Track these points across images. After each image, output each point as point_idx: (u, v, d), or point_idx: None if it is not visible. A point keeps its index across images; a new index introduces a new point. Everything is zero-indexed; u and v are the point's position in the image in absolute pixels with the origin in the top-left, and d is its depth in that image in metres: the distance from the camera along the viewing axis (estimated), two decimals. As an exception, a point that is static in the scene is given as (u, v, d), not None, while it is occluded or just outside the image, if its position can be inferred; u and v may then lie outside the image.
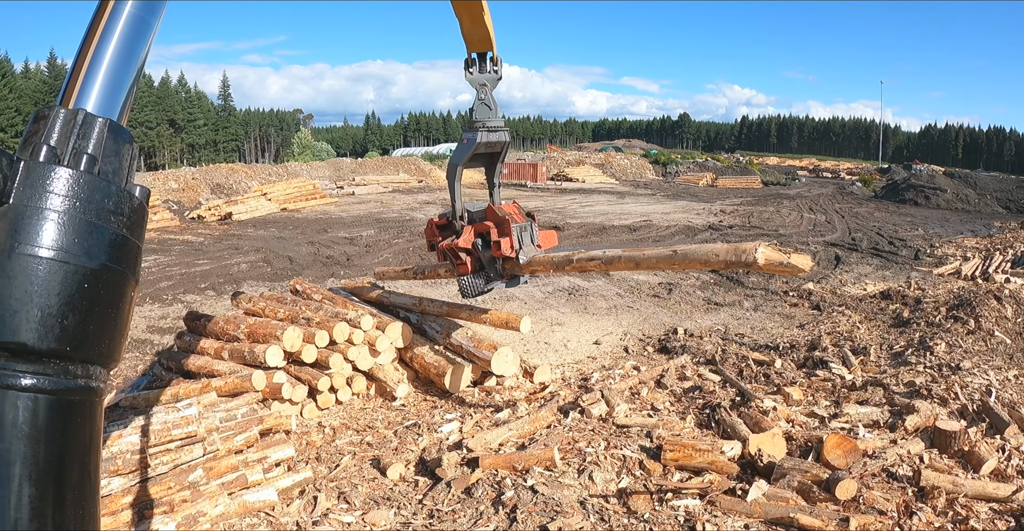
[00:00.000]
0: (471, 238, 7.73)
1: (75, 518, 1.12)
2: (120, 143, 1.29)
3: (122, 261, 1.22)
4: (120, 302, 1.22)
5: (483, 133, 7.59)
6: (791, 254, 5.02)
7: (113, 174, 1.26)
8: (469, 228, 7.80)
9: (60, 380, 1.11)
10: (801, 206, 36.26)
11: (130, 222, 1.25)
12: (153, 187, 34.27)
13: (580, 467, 5.90)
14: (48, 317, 1.09)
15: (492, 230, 7.52)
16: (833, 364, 8.80)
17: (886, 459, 5.69)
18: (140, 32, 1.44)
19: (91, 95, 1.33)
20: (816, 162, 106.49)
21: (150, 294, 15.70)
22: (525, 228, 7.59)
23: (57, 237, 1.12)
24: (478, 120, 7.67)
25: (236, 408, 6.69)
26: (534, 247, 7.64)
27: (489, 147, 7.76)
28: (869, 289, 14.47)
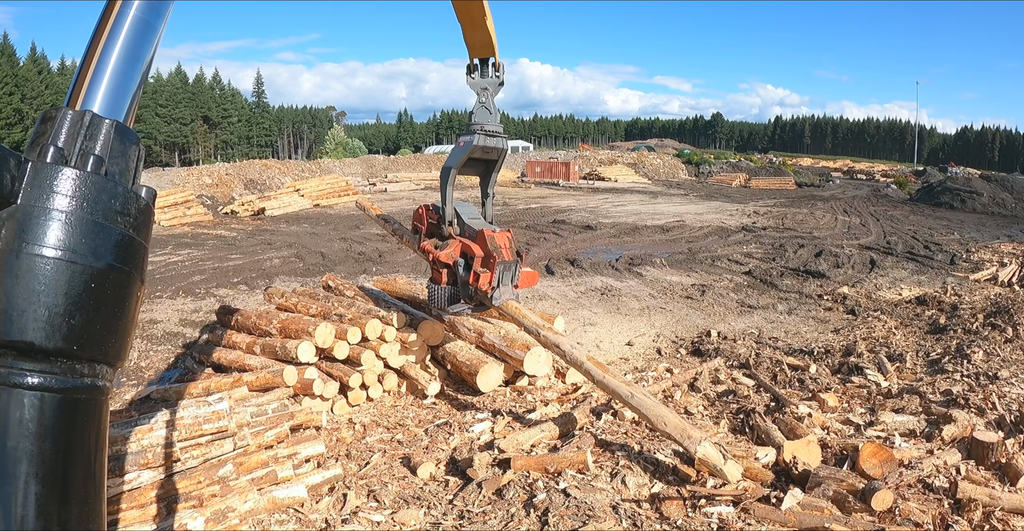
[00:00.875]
0: (455, 255, 7.55)
1: (80, 515, 1.12)
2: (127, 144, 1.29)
3: (128, 261, 1.22)
4: (126, 302, 1.22)
5: (480, 136, 7.41)
6: (727, 461, 5.38)
7: (120, 175, 1.26)
8: (456, 243, 7.60)
9: (66, 379, 1.11)
10: (835, 208, 35.83)
11: (136, 223, 1.24)
12: (187, 182, 34.62)
13: (613, 471, 5.81)
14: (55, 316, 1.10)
15: (476, 259, 7.32)
16: (869, 370, 8.64)
17: (922, 470, 5.55)
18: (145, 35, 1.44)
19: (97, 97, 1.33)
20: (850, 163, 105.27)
21: (183, 288, 15.81)
22: (509, 266, 7.44)
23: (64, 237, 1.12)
24: (476, 123, 7.53)
25: (267, 403, 6.67)
26: (511, 289, 7.53)
27: (485, 152, 7.60)
28: (904, 294, 14.23)
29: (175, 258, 20.33)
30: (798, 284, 15.40)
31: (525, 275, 7.78)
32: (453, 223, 7.70)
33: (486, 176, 8.01)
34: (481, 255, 7.28)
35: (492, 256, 7.20)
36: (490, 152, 7.62)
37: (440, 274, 7.61)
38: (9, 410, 1.05)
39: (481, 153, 7.55)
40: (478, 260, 7.27)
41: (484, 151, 7.54)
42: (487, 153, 7.61)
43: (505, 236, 7.51)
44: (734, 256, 19.21)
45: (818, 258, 18.82)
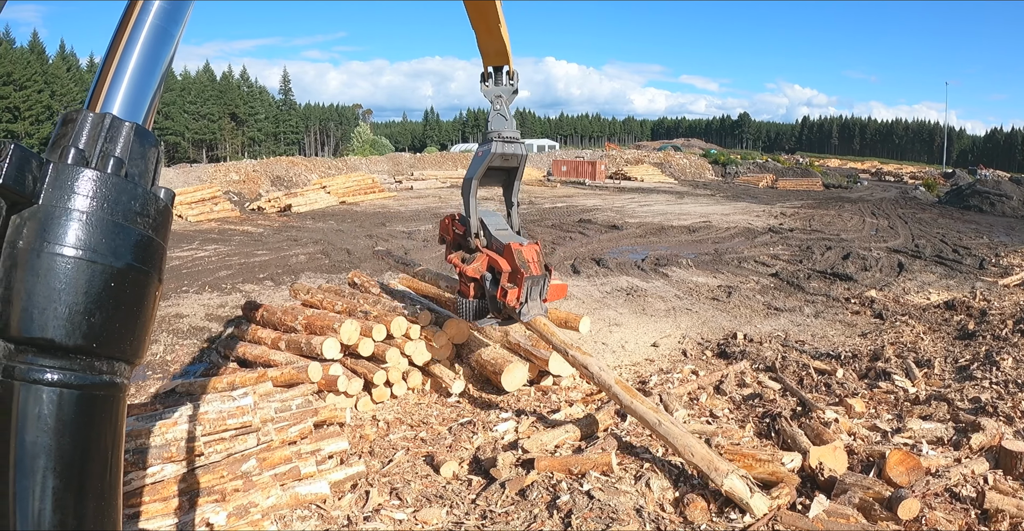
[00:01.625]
0: (482, 269, 7.42)
1: (96, 510, 1.14)
2: (146, 146, 1.31)
3: (147, 261, 1.23)
4: (145, 301, 1.23)
5: (498, 144, 7.31)
6: (754, 494, 5.19)
7: (139, 176, 1.28)
8: (483, 257, 7.44)
9: (85, 376, 1.13)
10: (863, 210, 35.46)
11: (155, 223, 1.26)
12: (214, 179, 34.84)
13: (637, 473, 5.75)
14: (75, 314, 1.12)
15: (504, 274, 7.19)
16: (896, 376, 8.51)
17: (949, 478, 5.45)
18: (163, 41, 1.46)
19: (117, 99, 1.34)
20: (878, 165, 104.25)
21: (209, 283, 15.90)
22: (537, 281, 7.27)
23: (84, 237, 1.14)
24: (493, 131, 7.42)
25: (291, 399, 6.68)
26: (540, 304, 7.38)
27: (505, 160, 7.49)
28: (933, 298, 14.04)
29: (202, 253, 20.46)
30: (825, 287, 15.23)
31: (554, 288, 7.68)
32: (479, 235, 7.59)
33: (508, 185, 7.91)
34: (508, 271, 7.17)
35: (520, 272, 7.07)
36: (509, 159, 7.53)
37: (468, 287, 7.51)
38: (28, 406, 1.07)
39: (501, 161, 7.45)
40: (505, 275, 7.17)
41: (504, 159, 7.45)
42: (507, 160, 7.52)
43: (533, 249, 7.35)
44: (761, 257, 19.05)
45: (846, 261, 18.62)
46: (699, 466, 5.59)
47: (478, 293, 7.48)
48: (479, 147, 7.47)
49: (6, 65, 76.80)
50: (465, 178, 7.50)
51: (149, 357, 10.73)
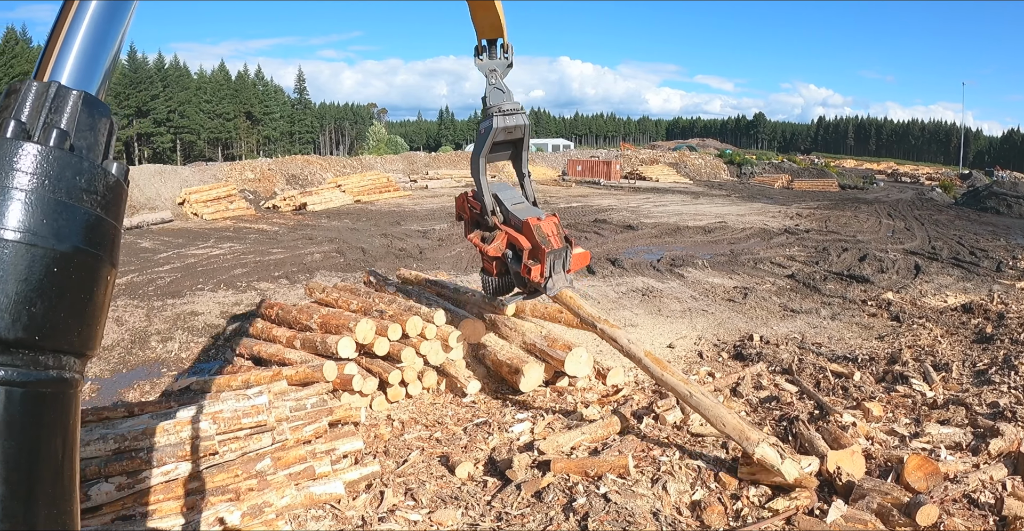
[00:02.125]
0: (502, 247, 7.35)
1: (48, 517, 1.06)
2: (96, 117, 1.22)
3: (96, 243, 1.14)
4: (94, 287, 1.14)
5: (499, 118, 7.13)
6: (785, 460, 5.42)
7: (88, 150, 1.19)
8: (503, 235, 7.37)
9: (30, 372, 1.04)
10: (879, 211, 35.21)
11: (105, 201, 1.16)
12: (230, 177, 34.92)
13: (654, 476, 5.71)
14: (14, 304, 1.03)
15: (525, 251, 7.12)
16: (914, 380, 8.43)
17: (967, 484, 5.37)
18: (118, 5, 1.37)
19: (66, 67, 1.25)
20: (894, 166, 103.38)
21: (224, 280, 15.95)
22: (559, 254, 7.17)
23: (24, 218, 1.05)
24: (492, 105, 7.24)
25: (306, 398, 6.66)
26: (564, 276, 7.29)
27: (508, 133, 7.30)
28: (950, 301, 13.90)
29: (217, 251, 20.52)
30: (842, 288, 15.13)
31: (576, 257, 7.52)
32: (496, 212, 7.49)
33: (516, 157, 7.75)
34: (529, 247, 7.11)
35: (541, 248, 7.00)
36: (513, 131, 7.35)
37: (491, 265, 7.47)
38: None
39: (505, 134, 7.29)
40: (526, 253, 7.10)
41: (507, 132, 7.29)
42: (510, 133, 7.34)
43: (552, 222, 7.27)
44: (777, 259, 18.95)
45: (862, 262, 18.49)
46: (731, 435, 5.74)
47: (502, 270, 7.46)
48: (481, 124, 7.36)
49: (24, 64, 77.52)
50: (472, 157, 7.42)
51: (164, 354, 10.77)
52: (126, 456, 5.19)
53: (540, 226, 7.12)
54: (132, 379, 9.85)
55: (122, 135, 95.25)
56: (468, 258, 18.85)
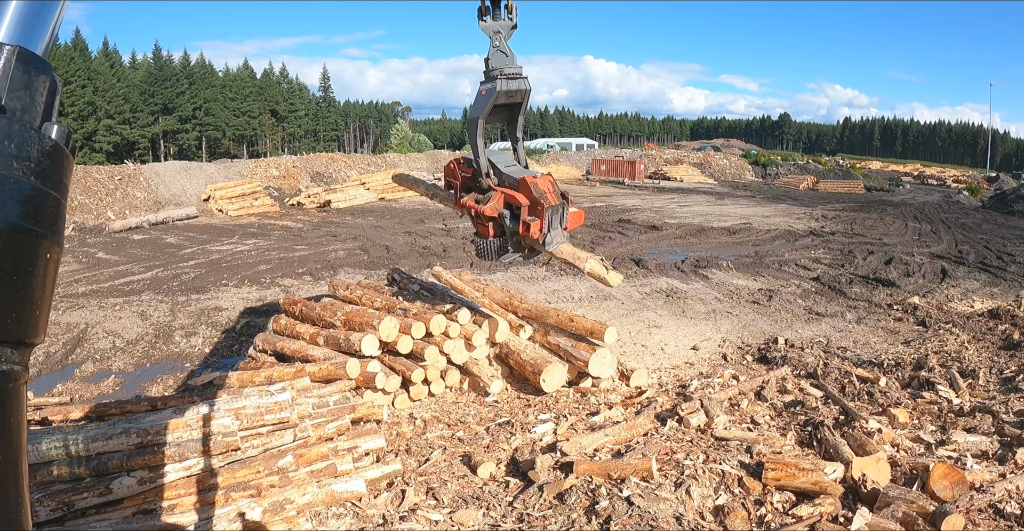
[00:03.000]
0: (499, 207, 7.31)
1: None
2: (33, 75, 1.12)
3: (31, 217, 1.01)
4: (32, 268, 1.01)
5: (502, 81, 7.12)
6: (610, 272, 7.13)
7: (22, 111, 1.07)
8: (499, 195, 7.34)
9: None
10: (906, 214, 34.79)
11: (41, 169, 1.04)
12: (255, 174, 35.10)
13: (677, 480, 5.65)
14: None
15: (523, 208, 7.09)
16: (940, 386, 8.30)
17: (994, 494, 5.28)
18: None
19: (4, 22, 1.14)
20: (921, 168, 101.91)
21: (248, 276, 16.01)
22: (557, 210, 7.16)
23: None
24: (495, 68, 7.20)
25: (329, 395, 6.66)
26: (563, 232, 7.28)
27: (510, 96, 7.29)
28: (977, 306, 13.70)
29: (242, 247, 20.62)
30: (867, 292, 14.96)
31: (572, 215, 7.53)
32: (490, 174, 7.48)
33: (512, 121, 7.75)
34: (527, 203, 7.09)
35: (539, 203, 7.00)
36: (514, 95, 7.34)
37: (486, 228, 7.44)
38: None
39: (506, 98, 7.28)
40: (525, 209, 7.08)
41: (508, 95, 7.27)
42: (511, 97, 7.33)
43: (547, 180, 7.30)
44: (802, 261, 18.78)
45: (888, 266, 18.28)
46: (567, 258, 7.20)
47: (497, 232, 7.44)
48: (482, 85, 7.32)
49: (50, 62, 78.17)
50: (470, 118, 7.41)
51: (187, 349, 10.82)
52: (148, 450, 5.20)
53: (537, 183, 7.13)
54: (155, 373, 9.90)
55: (148, 131, 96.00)
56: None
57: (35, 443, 5.03)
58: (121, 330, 11.83)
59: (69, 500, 4.86)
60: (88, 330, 11.83)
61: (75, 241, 22.19)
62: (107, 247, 21.08)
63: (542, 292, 14.09)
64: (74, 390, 9.39)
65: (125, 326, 12.08)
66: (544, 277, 15.89)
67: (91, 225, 24.79)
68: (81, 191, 27.00)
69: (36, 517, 4.76)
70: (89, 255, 19.71)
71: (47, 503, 4.80)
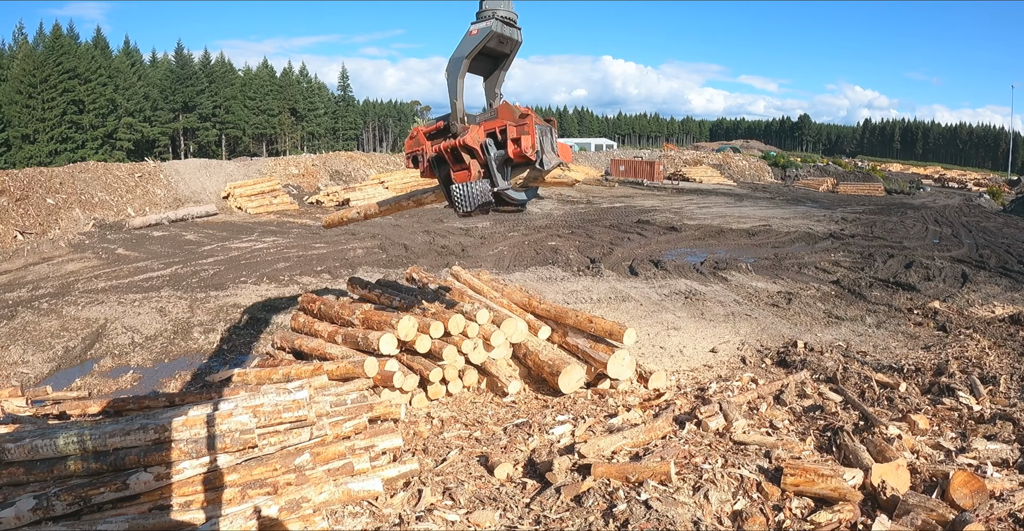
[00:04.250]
0: (480, 137, 6.51)
1: None
2: None
3: None
4: None
5: (496, 23, 6.42)
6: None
7: None
8: (477, 127, 6.55)
9: None
10: (926, 217, 34.51)
11: None
12: (274, 172, 35.30)
13: (696, 484, 5.60)
14: None
15: (510, 127, 6.39)
16: (961, 392, 8.20)
17: (1014, 503, 5.20)
18: None
19: None
20: (941, 170, 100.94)
21: (267, 274, 16.06)
22: (546, 132, 6.53)
23: None
24: (488, 8, 6.52)
25: (346, 393, 6.65)
26: (555, 155, 6.58)
27: (500, 43, 6.62)
28: (998, 312, 13.53)
29: (260, 245, 20.70)
30: (887, 296, 14.82)
31: (561, 147, 6.87)
32: (463, 120, 6.72)
33: (492, 74, 7.08)
34: (513, 121, 6.42)
35: (527, 115, 6.38)
36: (504, 43, 6.71)
37: (468, 170, 6.60)
38: None
39: (496, 42, 6.61)
40: (512, 128, 6.40)
41: (499, 41, 6.61)
42: (502, 44, 6.68)
43: (527, 110, 6.56)
44: (821, 264, 18.66)
45: (908, 269, 18.14)
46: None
47: (481, 171, 6.61)
48: (472, 25, 6.58)
49: (72, 60, 78.38)
50: (452, 58, 6.60)
51: (206, 345, 10.86)
52: (166, 446, 5.21)
53: (517, 106, 6.54)
54: (173, 369, 9.94)
55: (168, 129, 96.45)
56: (511, 256, 18.82)
57: (52, 438, 5.05)
58: (140, 326, 11.89)
59: (86, 495, 4.87)
60: (107, 325, 11.89)
61: (95, 237, 22.35)
62: (127, 243, 21.21)
63: (560, 293, 14.06)
64: (92, 385, 9.44)
65: (144, 322, 12.13)
66: (563, 278, 15.86)
67: (111, 222, 24.94)
68: (101, 188, 27.17)
69: (52, 511, 4.77)
70: (109, 251, 19.84)
71: (64, 497, 4.81)
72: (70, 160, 57.72)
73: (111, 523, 4.69)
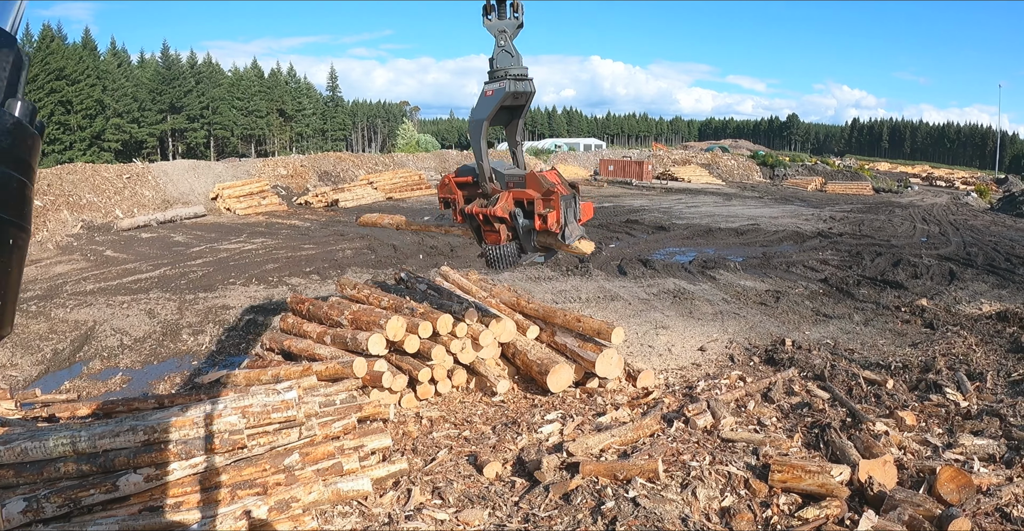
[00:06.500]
0: (509, 206, 6.97)
1: None
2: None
3: None
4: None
5: (510, 82, 6.86)
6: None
7: None
8: (507, 194, 7.02)
9: None
10: (914, 216, 34.65)
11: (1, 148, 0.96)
12: (263, 173, 35.18)
13: (684, 481, 5.64)
14: None
15: (537, 201, 6.80)
16: (948, 389, 8.27)
17: (1000, 497, 5.26)
18: None
19: None
20: (929, 169, 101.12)
21: (256, 275, 16.04)
22: (569, 201, 6.90)
23: None
24: (501, 68, 6.96)
25: (335, 394, 6.66)
26: (578, 225, 7.00)
27: (515, 98, 7.04)
28: (985, 309, 13.62)
29: (249, 246, 20.67)
30: (875, 294, 14.88)
31: (584, 207, 7.28)
32: (492, 179, 7.19)
33: (513, 124, 7.53)
34: (540, 195, 6.82)
35: (552, 191, 6.75)
36: (519, 97, 7.11)
37: (497, 234, 7.11)
38: None
39: (512, 100, 7.04)
40: (539, 202, 6.81)
41: (514, 97, 7.03)
42: (516, 99, 7.09)
43: (554, 173, 7.08)
44: (809, 262, 18.72)
45: (896, 267, 18.21)
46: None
47: (510, 234, 7.13)
48: (487, 85, 7.06)
49: (59, 61, 77.99)
50: (473, 120, 7.10)
51: (195, 347, 10.85)
52: (155, 448, 5.21)
53: (545, 176, 6.92)
54: (162, 371, 9.93)
55: (156, 130, 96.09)
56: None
57: (42, 440, 5.05)
58: (129, 328, 11.87)
59: (76, 496, 4.87)
60: (96, 327, 11.86)
61: (83, 239, 22.27)
62: (115, 245, 21.15)
63: (549, 292, 14.08)
64: (81, 387, 9.42)
65: (133, 324, 12.11)
66: (551, 277, 15.88)
67: (99, 223, 24.85)
68: (90, 189, 27.07)
69: (43, 513, 4.77)
70: (97, 253, 19.78)
71: (54, 499, 4.81)
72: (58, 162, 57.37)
73: (101, 524, 4.69)
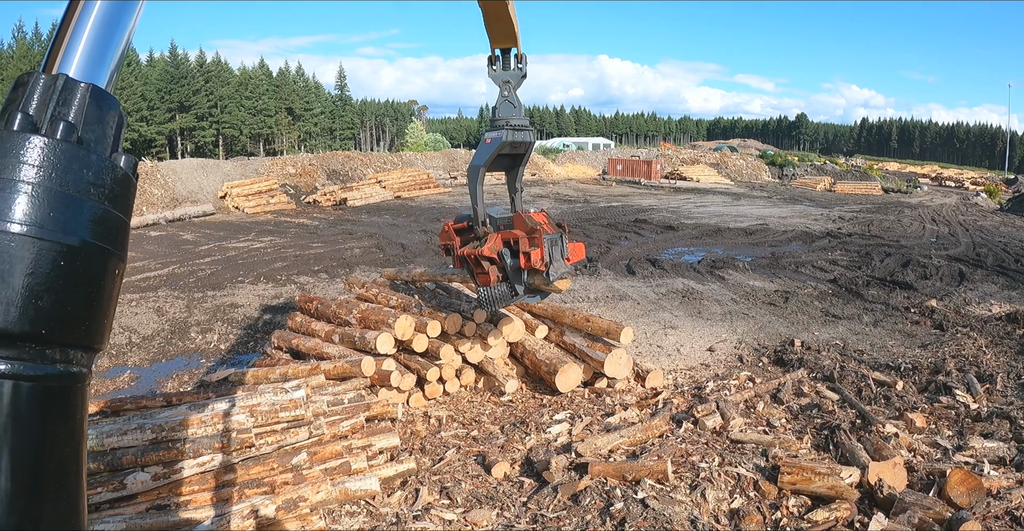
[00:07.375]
0: (497, 246, 7.18)
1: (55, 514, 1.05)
2: (104, 110, 1.20)
3: (104, 236, 1.12)
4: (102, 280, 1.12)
5: (508, 132, 7.07)
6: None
7: (96, 143, 1.17)
8: (495, 235, 7.24)
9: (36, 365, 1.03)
10: (923, 216, 34.52)
11: (112, 194, 1.15)
12: (271, 172, 35.25)
13: (693, 482, 5.61)
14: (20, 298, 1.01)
15: (522, 239, 7.00)
16: (957, 391, 8.22)
17: (1011, 501, 5.22)
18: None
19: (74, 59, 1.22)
20: (938, 169, 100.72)
21: (264, 274, 16.05)
22: (555, 241, 7.10)
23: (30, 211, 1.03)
24: (501, 118, 7.20)
25: (343, 393, 6.66)
26: (564, 263, 7.20)
27: (513, 147, 7.28)
28: (994, 310, 13.54)
29: (258, 245, 20.69)
30: (884, 295, 14.81)
31: (573, 247, 7.45)
32: (486, 223, 7.38)
33: (512, 171, 7.72)
34: (524, 233, 7.00)
35: (536, 230, 6.92)
36: (518, 147, 7.32)
37: (488, 274, 7.26)
38: None
39: (509, 148, 7.25)
40: (524, 240, 6.97)
41: (512, 146, 7.25)
42: (515, 148, 7.31)
43: (541, 214, 7.25)
44: (819, 263, 18.65)
45: (905, 268, 18.13)
46: None
47: (499, 275, 7.29)
48: (487, 133, 7.27)
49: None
50: (471, 166, 7.29)
51: (203, 345, 10.85)
52: (163, 446, 5.21)
53: (531, 216, 7.12)
54: (171, 369, 9.93)
55: (164, 129, 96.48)
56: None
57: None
58: (137, 325, 11.88)
59: (83, 495, 4.87)
60: (104, 326, 11.86)
61: (93, 237, 22.32)
62: (124, 243, 21.17)
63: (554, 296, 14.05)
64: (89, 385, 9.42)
65: (141, 321, 12.13)
66: (559, 277, 15.84)
67: (109, 221, 24.88)
68: (99, 187, 27.12)
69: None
70: (106, 251, 19.81)
71: (61, 498, 4.81)
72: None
73: (108, 523, 4.69)
